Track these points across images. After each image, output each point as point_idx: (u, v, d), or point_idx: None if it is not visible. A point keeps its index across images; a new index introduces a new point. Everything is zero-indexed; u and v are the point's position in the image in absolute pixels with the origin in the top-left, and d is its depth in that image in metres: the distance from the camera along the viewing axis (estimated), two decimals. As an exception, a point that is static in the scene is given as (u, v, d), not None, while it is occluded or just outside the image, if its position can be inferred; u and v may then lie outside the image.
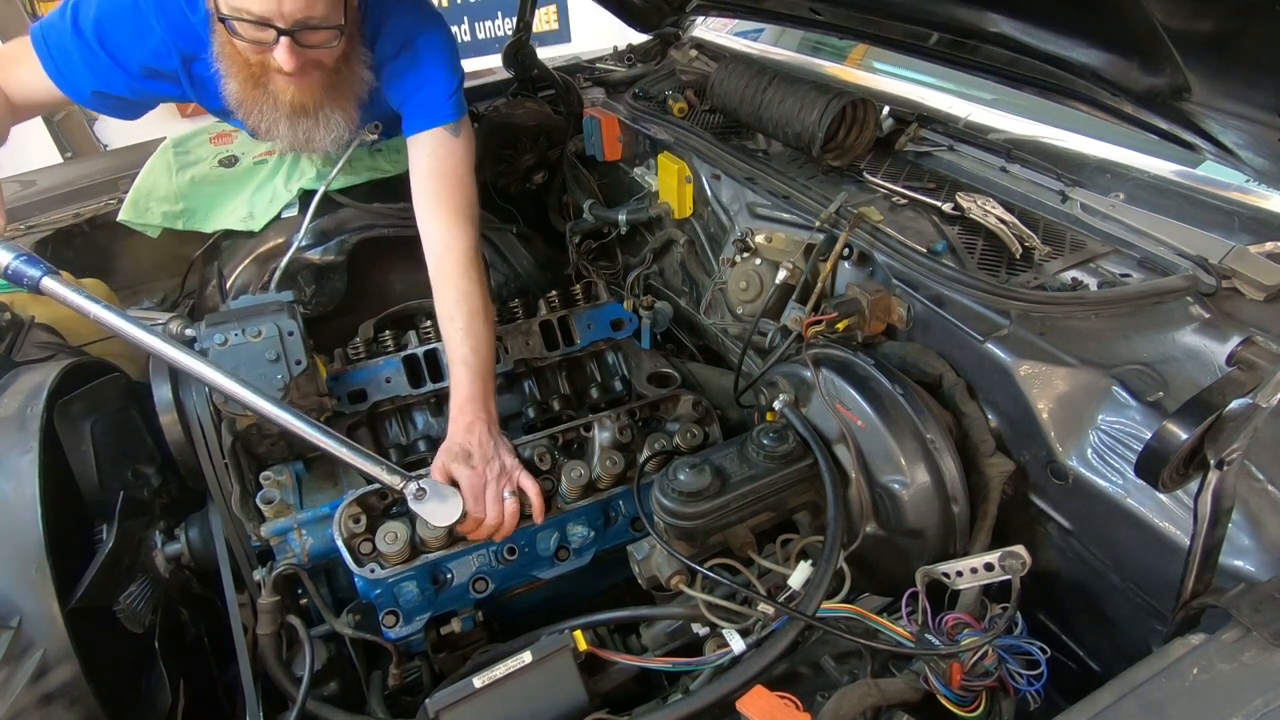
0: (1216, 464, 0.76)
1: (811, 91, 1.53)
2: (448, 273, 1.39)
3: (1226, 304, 1.08)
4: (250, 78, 1.32)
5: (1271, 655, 0.72)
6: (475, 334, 1.34)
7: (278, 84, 1.32)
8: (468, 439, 1.25)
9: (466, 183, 1.49)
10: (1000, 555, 0.94)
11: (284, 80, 1.30)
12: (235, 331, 1.26)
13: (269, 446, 1.39)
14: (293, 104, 1.35)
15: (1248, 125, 1.03)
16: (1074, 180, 1.41)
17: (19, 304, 1.67)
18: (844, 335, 1.23)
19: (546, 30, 5.66)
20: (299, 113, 1.37)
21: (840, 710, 0.82)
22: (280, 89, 1.33)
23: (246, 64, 1.30)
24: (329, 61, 1.32)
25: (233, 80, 1.33)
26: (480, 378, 1.32)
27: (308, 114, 1.38)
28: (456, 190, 1.46)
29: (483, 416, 1.28)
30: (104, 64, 1.37)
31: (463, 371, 1.32)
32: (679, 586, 1.08)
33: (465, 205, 1.46)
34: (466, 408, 1.28)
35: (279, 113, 1.36)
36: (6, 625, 1.03)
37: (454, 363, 1.34)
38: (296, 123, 1.38)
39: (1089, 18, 1.08)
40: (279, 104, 1.35)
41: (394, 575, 1.21)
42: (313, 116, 1.39)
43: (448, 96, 1.48)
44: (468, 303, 1.37)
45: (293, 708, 1.12)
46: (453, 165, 1.47)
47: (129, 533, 1.25)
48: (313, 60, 1.29)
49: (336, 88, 1.39)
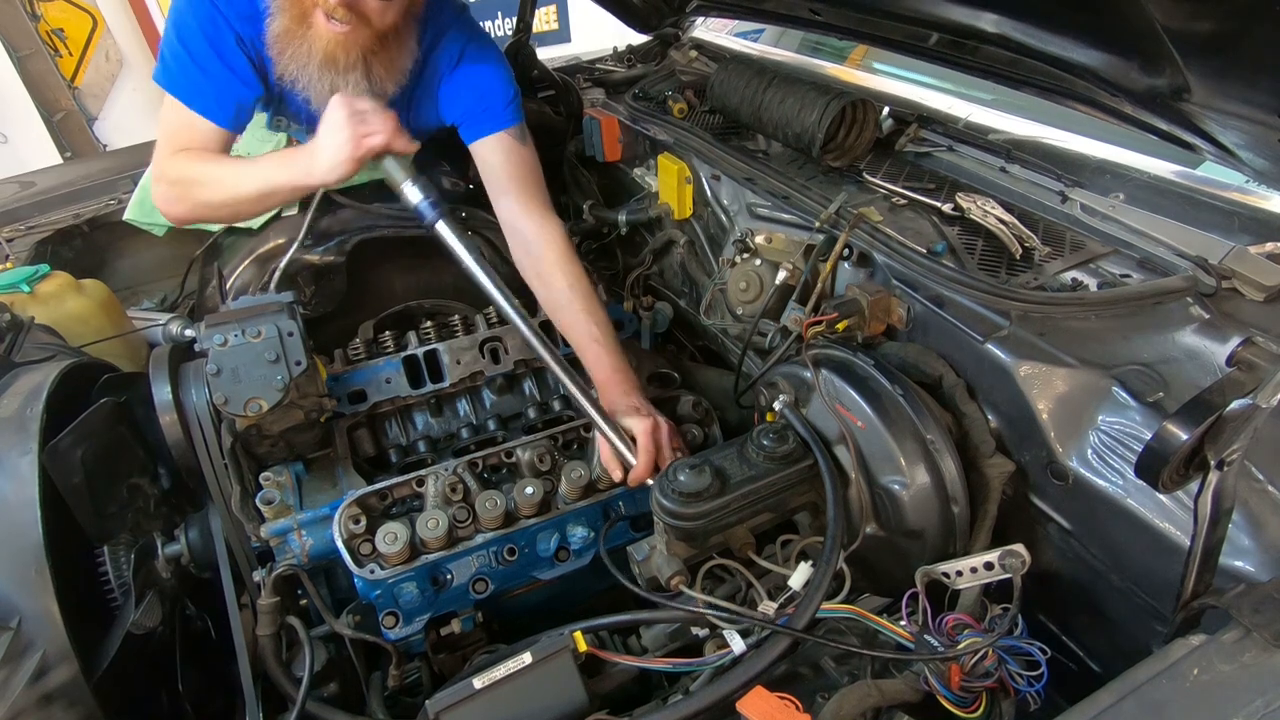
0: (1216, 464, 0.76)
1: (811, 92, 1.53)
2: (554, 262, 1.47)
3: (1226, 304, 1.08)
4: (297, 14, 1.33)
5: (1272, 656, 0.72)
6: (594, 313, 1.43)
7: (319, 27, 1.33)
8: (629, 401, 1.34)
9: (542, 179, 1.58)
10: (1000, 554, 0.94)
11: (325, 25, 1.32)
12: (235, 332, 1.26)
13: (269, 447, 1.39)
14: (326, 52, 1.36)
15: (1248, 126, 1.03)
16: (1074, 181, 1.41)
17: (19, 304, 1.67)
18: (844, 336, 1.23)
19: (546, 30, 5.66)
20: (328, 63, 1.38)
21: (840, 711, 0.82)
22: (319, 32, 1.34)
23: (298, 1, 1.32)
24: (376, 22, 1.34)
25: (279, 16, 1.35)
26: (615, 351, 1.42)
27: (336, 68, 1.39)
28: (537, 188, 1.55)
29: (635, 382, 1.39)
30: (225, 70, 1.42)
31: (598, 349, 1.41)
32: (679, 588, 1.08)
33: (548, 200, 1.56)
34: (617, 378, 1.38)
35: (310, 58, 1.38)
36: (6, 625, 1.03)
37: (585, 343, 1.41)
38: (324, 73, 1.39)
39: (1088, 18, 1.08)
40: (313, 49, 1.36)
41: (394, 576, 1.21)
42: (340, 73, 1.40)
43: (508, 102, 1.56)
44: (578, 286, 1.45)
45: (293, 708, 1.12)
46: (530, 165, 1.56)
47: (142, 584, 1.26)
48: (362, 13, 1.31)
49: (374, 55, 1.41)
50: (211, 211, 1.47)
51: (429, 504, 1.29)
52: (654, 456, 1.26)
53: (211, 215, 1.49)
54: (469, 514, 1.26)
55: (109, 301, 1.88)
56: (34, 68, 5.16)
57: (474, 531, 1.28)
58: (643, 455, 1.25)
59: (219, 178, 1.40)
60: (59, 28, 5.31)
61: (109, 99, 5.71)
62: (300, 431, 1.38)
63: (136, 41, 5.81)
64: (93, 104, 5.63)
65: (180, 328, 1.52)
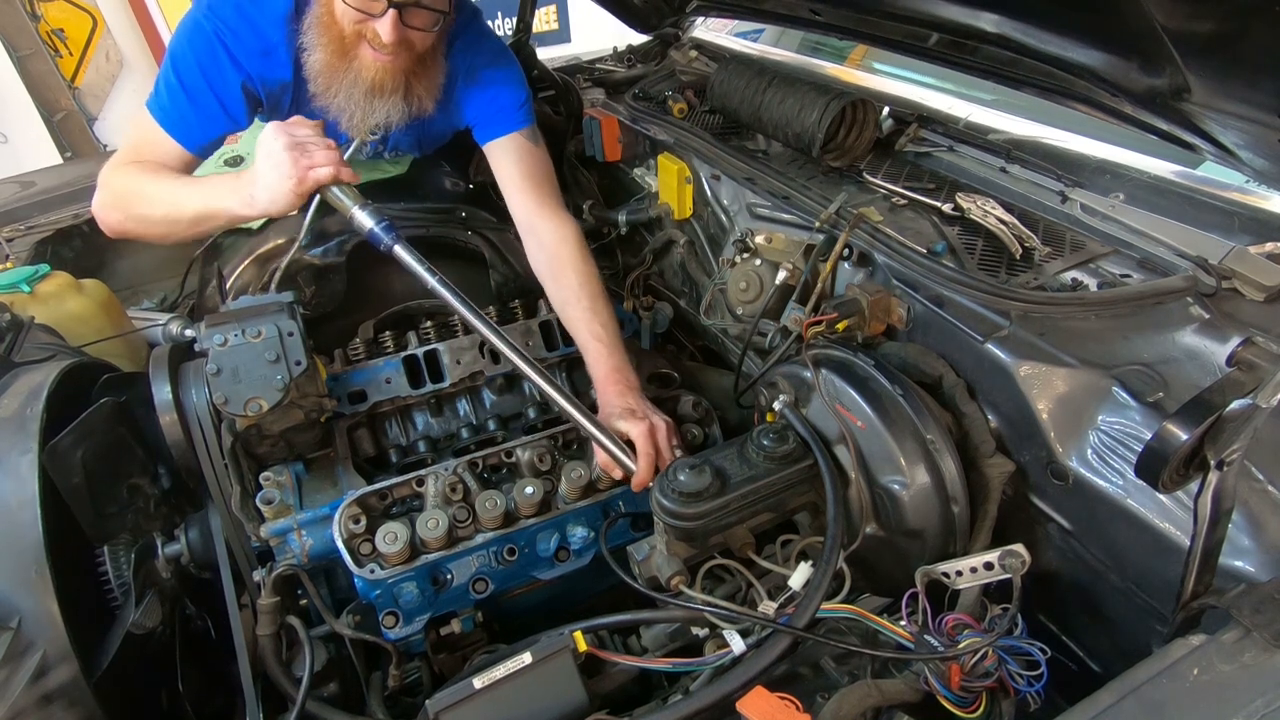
0: (1216, 465, 0.76)
1: (811, 92, 1.53)
2: (567, 259, 1.49)
3: (1226, 304, 1.08)
4: (340, 50, 1.35)
5: (1272, 656, 0.71)
6: (600, 313, 1.44)
7: (364, 59, 1.35)
8: (625, 403, 1.33)
9: (555, 179, 1.61)
10: (1000, 554, 0.94)
11: (371, 56, 1.34)
12: (235, 332, 1.26)
13: (269, 447, 1.39)
14: (374, 81, 1.38)
15: (1248, 126, 1.03)
16: (1074, 181, 1.41)
17: (19, 304, 1.67)
18: (844, 336, 1.23)
19: (546, 30, 5.66)
20: (376, 91, 1.40)
21: (840, 711, 0.82)
22: (365, 64, 1.36)
23: (340, 35, 1.34)
24: (420, 46, 1.37)
25: (320, 50, 1.37)
26: (616, 351, 1.42)
27: (384, 94, 1.41)
28: (551, 187, 1.58)
29: (633, 383, 1.38)
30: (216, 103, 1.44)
31: (599, 348, 1.41)
32: (679, 588, 1.08)
33: (561, 198, 1.58)
34: (615, 378, 1.38)
35: (357, 88, 1.40)
36: (6, 625, 1.02)
37: (587, 341, 1.42)
38: (371, 101, 1.41)
39: (1088, 18, 1.08)
40: (359, 79, 1.38)
41: (394, 576, 1.21)
42: (387, 98, 1.42)
43: (520, 104, 1.59)
44: (589, 285, 1.47)
45: (293, 708, 1.12)
46: (544, 165, 1.59)
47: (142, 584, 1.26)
48: (407, 40, 1.33)
49: (416, 75, 1.43)
50: (145, 227, 1.43)
51: (429, 504, 1.29)
52: (653, 460, 1.25)
53: (144, 231, 1.45)
54: (469, 514, 1.26)
55: (109, 301, 1.88)
56: (34, 68, 5.17)
57: (474, 531, 1.28)
58: (642, 460, 1.24)
59: (160, 194, 1.39)
60: (59, 28, 5.32)
61: (109, 99, 5.72)
62: (300, 431, 1.38)
63: (136, 42, 5.82)
64: (93, 104, 5.63)
65: (180, 328, 1.52)
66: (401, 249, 1.29)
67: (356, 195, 1.31)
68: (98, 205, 1.45)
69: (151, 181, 1.40)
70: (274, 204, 1.28)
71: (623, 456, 1.25)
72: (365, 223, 1.29)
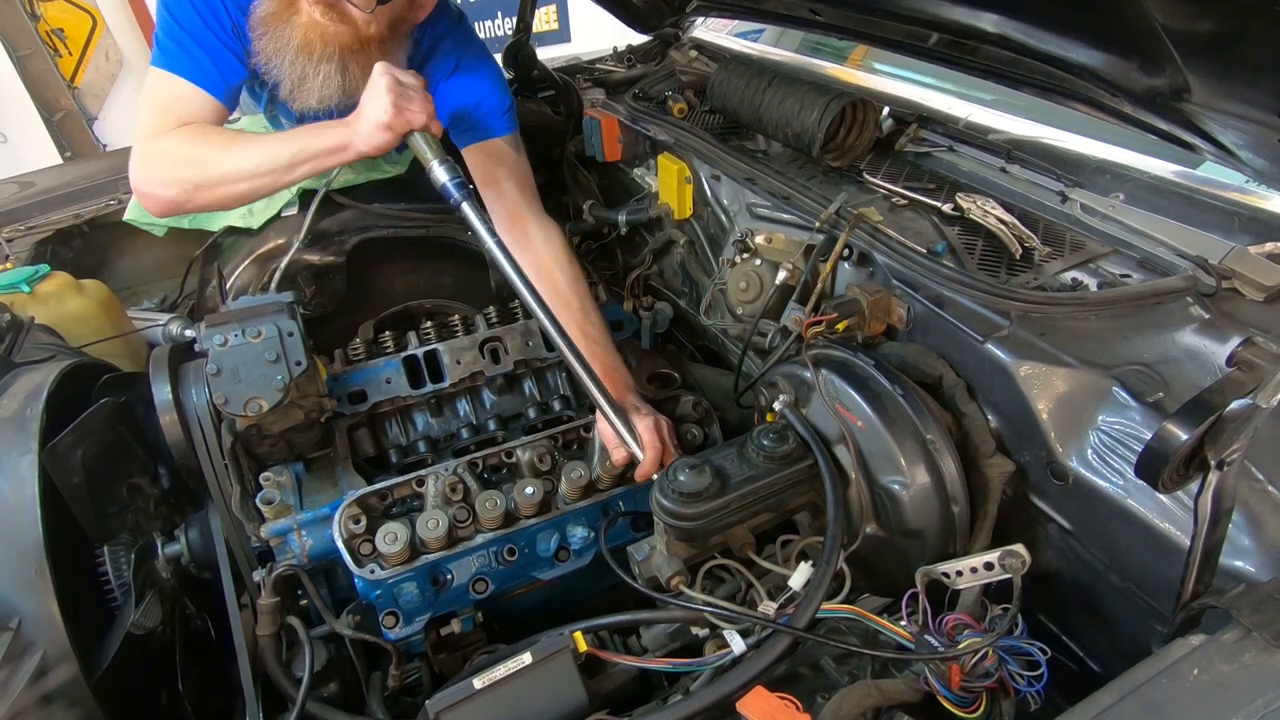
0: (1217, 465, 0.76)
1: (811, 92, 1.53)
2: (553, 262, 1.50)
3: (1226, 304, 1.08)
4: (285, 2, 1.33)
5: (1272, 656, 0.71)
6: (590, 315, 1.47)
7: (303, 14, 1.34)
8: (623, 400, 1.35)
9: (535, 186, 1.62)
10: (1000, 554, 0.94)
11: (308, 12, 1.33)
12: (235, 332, 1.26)
13: (269, 447, 1.39)
14: (304, 39, 1.36)
15: (1248, 126, 1.03)
16: (1074, 180, 1.41)
17: (19, 304, 1.67)
18: (844, 336, 1.22)
19: (546, 30, 5.66)
20: (304, 49, 1.37)
21: (840, 711, 0.82)
22: (303, 19, 1.34)
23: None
24: (361, 28, 1.35)
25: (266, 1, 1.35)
26: (610, 351, 1.46)
27: (310, 56, 1.38)
28: (532, 193, 1.59)
29: (630, 383, 1.42)
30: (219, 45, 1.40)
31: (593, 349, 1.42)
32: (679, 588, 1.08)
33: (541, 204, 1.60)
34: (609, 378, 1.38)
35: (289, 45, 1.37)
36: (6, 626, 1.03)
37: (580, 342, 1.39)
38: (297, 58, 1.38)
39: (1088, 18, 1.08)
40: (292, 36, 1.36)
41: (394, 576, 1.21)
42: (314, 63, 1.38)
43: (504, 111, 1.59)
44: (576, 287, 1.50)
45: (293, 709, 1.12)
46: (525, 171, 1.60)
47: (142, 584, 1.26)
48: (342, 11, 1.32)
49: (352, 55, 1.40)
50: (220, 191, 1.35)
51: (429, 504, 1.29)
52: (660, 452, 1.28)
53: (217, 197, 1.36)
54: (469, 514, 1.26)
55: (109, 301, 1.88)
56: (34, 68, 5.17)
57: (474, 531, 1.28)
58: (649, 451, 1.27)
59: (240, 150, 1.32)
60: (59, 28, 5.32)
61: (109, 99, 5.72)
62: (300, 431, 1.38)
63: (136, 41, 5.81)
64: (93, 104, 5.63)
65: (180, 328, 1.52)
66: (469, 208, 1.28)
67: (439, 150, 1.30)
68: (149, 183, 1.35)
69: (217, 142, 1.35)
70: (370, 137, 1.26)
71: (631, 442, 1.27)
72: (440, 176, 1.28)
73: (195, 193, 1.34)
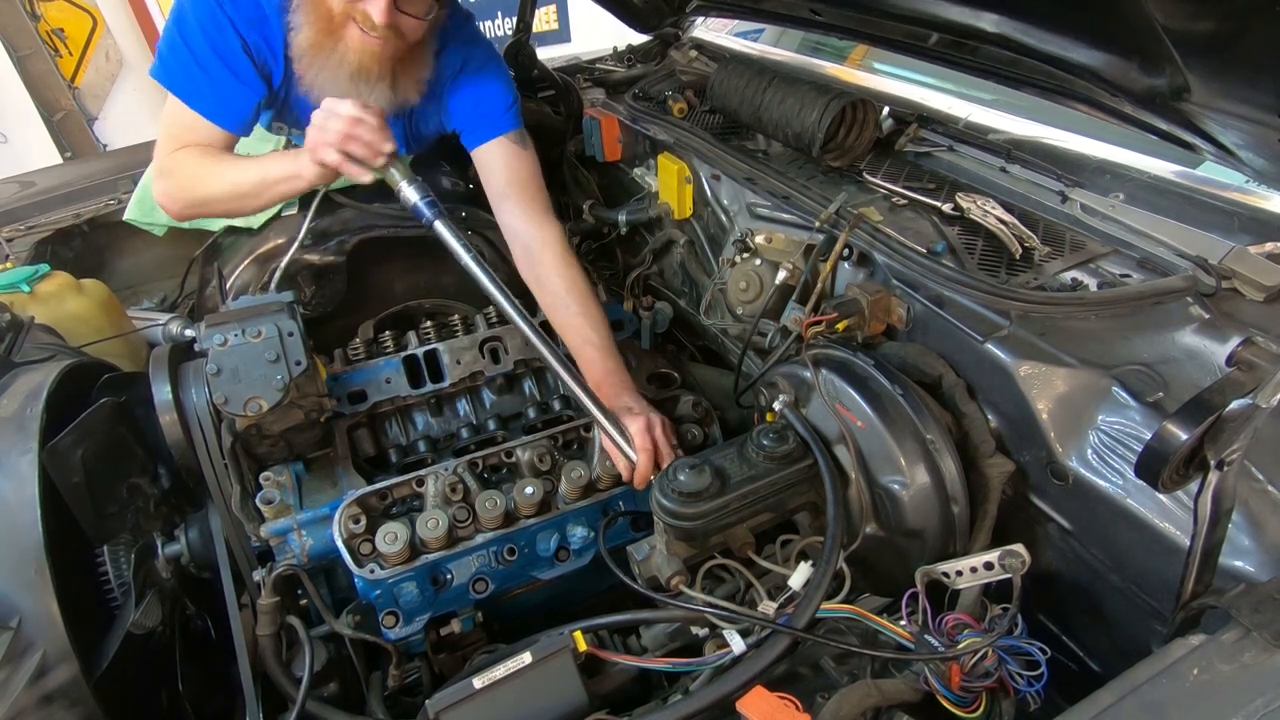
0: (1216, 465, 0.76)
1: (811, 92, 1.53)
2: (551, 264, 1.47)
3: (1226, 304, 1.08)
4: (327, 28, 1.34)
5: (1272, 656, 0.71)
6: (590, 316, 1.43)
7: (351, 39, 1.34)
8: (625, 402, 1.34)
9: (543, 184, 1.58)
10: (1000, 554, 0.94)
11: (359, 38, 1.33)
12: (235, 332, 1.26)
13: (269, 447, 1.39)
14: (359, 65, 1.37)
15: (1248, 125, 1.03)
16: (1074, 180, 1.41)
17: (19, 304, 1.68)
18: (844, 336, 1.23)
19: (546, 30, 5.66)
20: (360, 74, 1.39)
21: (840, 711, 0.82)
22: (352, 45, 1.34)
23: (329, 14, 1.32)
24: (411, 35, 1.35)
25: (308, 28, 1.36)
26: (610, 355, 1.41)
27: (368, 78, 1.39)
28: (536, 192, 1.55)
29: (629, 385, 1.39)
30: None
31: (591, 352, 1.40)
32: (679, 588, 1.08)
33: (547, 203, 1.55)
34: (610, 380, 1.38)
35: (342, 69, 1.38)
36: (6, 625, 1.03)
37: (579, 345, 1.41)
38: (355, 83, 1.40)
39: (1088, 18, 1.08)
40: (344, 61, 1.37)
41: (394, 576, 1.21)
42: (371, 84, 1.41)
43: (508, 108, 1.57)
44: (574, 289, 1.45)
45: (293, 708, 1.12)
46: (530, 169, 1.57)
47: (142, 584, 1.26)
48: (397, 26, 1.32)
49: (402, 65, 1.42)
50: (208, 208, 1.47)
51: (429, 504, 1.29)
52: (653, 455, 1.26)
53: (209, 210, 1.49)
54: (469, 514, 1.26)
55: (109, 301, 1.88)
56: (34, 68, 5.17)
57: (474, 531, 1.28)
58: (642, 455, 1.25)
59: (219, 172, 1.40)
60: (59, 28, 5.32)
61: (109, 99, 5.72)
62: (300, 431, 1.38)
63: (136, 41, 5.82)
64: (93, 104, 5.64)
65: (180, 328, 1.52)
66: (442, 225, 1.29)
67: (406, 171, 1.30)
68: (160, 196, 1.46)
69: (206, 163, 1.41)
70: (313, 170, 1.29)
71: (625, 446, 1.26)
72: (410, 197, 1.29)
73: (192, 209, 1.48)
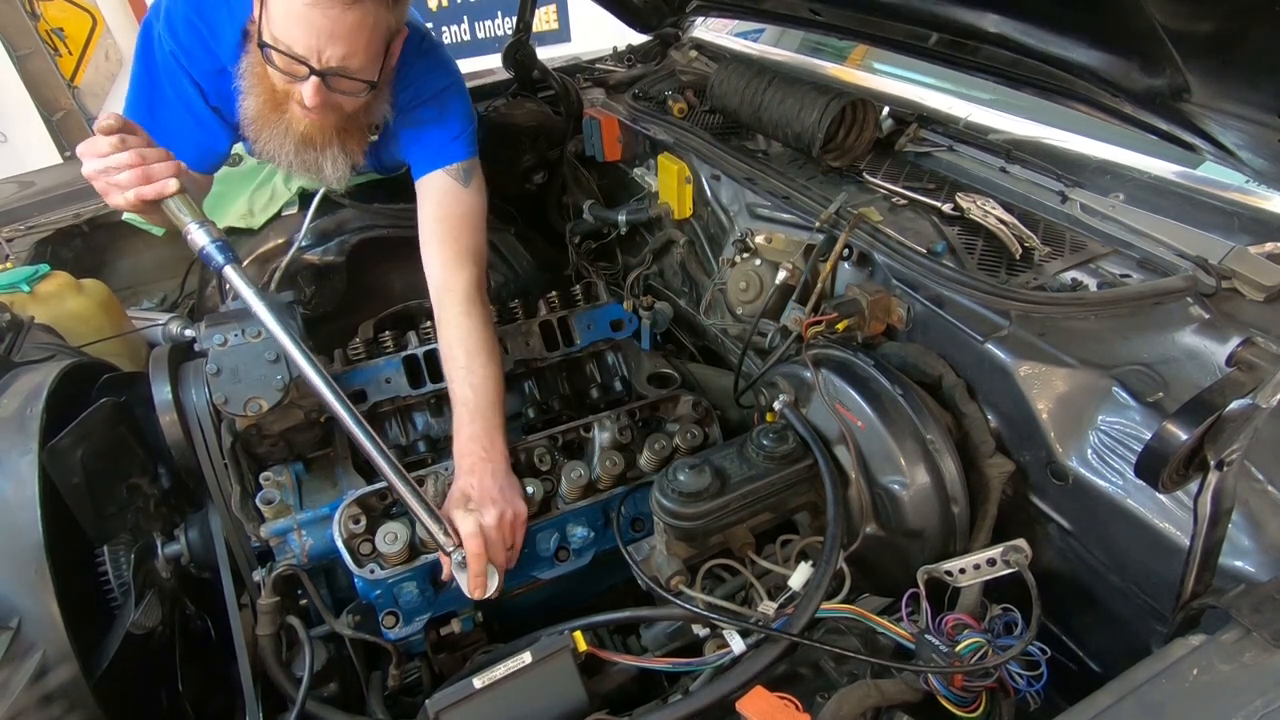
0: (1216, 465, 0.76)
1: (811, 92, 1.53)
2: (450, 312, 1.40)
3: (1226, 304, 1.08)
4: (270, 100, 1.33)
5: (1272, 656, 0.71)
6: (475, 372, 1.34)
7: (294, 113, 1.33)
8: (468, 481, 1.23)
9: (472, 224, 1.48)
10: (1003, 549, 0.94)
11: (301, 111, 1.32)
12: (235, 332, 1.26)
13: (269, 447, 1.39)
14: (303, 135, 1.36)
15: (1248, 126, 1.03)
16: (1074, 181, 1.41)
17: (19, 304, 1.68)
18: (844, 336, 1.23)
19: (546, 30, 5.67)
20: (306, 144, 1.38)
21: (840, 711, 0.82)
22: (295, 118, 1.34)
23: (271, 88, 1.31)
24: (348, 106, 1.34)
25: (252, 98, 1.35)
26: (480, 416, 1.30)
27: (314, 147, 1.39)
28: (461, 233, 1.46)
29: (483, 457, 1.26)
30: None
31: (462, 412, 1.31)
32: (679, 588, 1.08)
33: (469, 248, 1.45)
34: (466, 449, 1.27)
35: (288, 140, 1.37)
36: (6, 625, 1.02)
37: (455, 403, 1.34)
38: (302, 152, 1.39)
39: (1088, 18, 1.08)
40: (290, 131, 1.36)
41: (394, 576, 1.21)
42: (318, 150, 1.39)
43: (453, 138, 1.50)
44: (466, 342, 1.37)
45: (292, 708, 1.12)
46: (461, 209, 1.48)
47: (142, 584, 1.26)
48: (334, 103, 1.31)
49: (348, 131, 1.40)
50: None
51: (429, 504, 1.29)
52: (484, 562, 1.14)
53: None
54: (469, 514, 1.26)
55: (109, 301, 1.88)
56: (34, 67, 5.16)
57: (474, 531, 1.27)
58: (472, 563, 1.13)
59: None
60: (59, 27, 5.32)
61: (109, 98, 5.71)
62: (300, 431, 1.38)
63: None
64: (93, 103, 5.63)
65: (180, 328, 1.52)
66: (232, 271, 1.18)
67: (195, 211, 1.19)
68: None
69: None
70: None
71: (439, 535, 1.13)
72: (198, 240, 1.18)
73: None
